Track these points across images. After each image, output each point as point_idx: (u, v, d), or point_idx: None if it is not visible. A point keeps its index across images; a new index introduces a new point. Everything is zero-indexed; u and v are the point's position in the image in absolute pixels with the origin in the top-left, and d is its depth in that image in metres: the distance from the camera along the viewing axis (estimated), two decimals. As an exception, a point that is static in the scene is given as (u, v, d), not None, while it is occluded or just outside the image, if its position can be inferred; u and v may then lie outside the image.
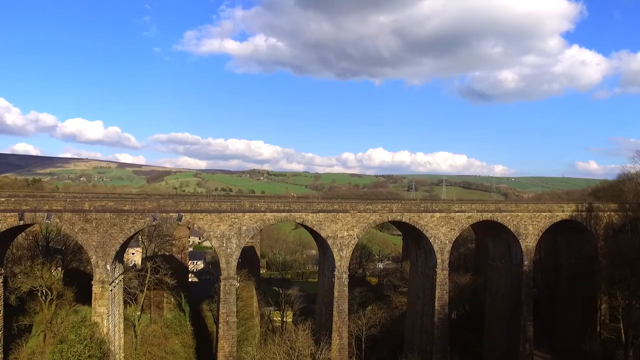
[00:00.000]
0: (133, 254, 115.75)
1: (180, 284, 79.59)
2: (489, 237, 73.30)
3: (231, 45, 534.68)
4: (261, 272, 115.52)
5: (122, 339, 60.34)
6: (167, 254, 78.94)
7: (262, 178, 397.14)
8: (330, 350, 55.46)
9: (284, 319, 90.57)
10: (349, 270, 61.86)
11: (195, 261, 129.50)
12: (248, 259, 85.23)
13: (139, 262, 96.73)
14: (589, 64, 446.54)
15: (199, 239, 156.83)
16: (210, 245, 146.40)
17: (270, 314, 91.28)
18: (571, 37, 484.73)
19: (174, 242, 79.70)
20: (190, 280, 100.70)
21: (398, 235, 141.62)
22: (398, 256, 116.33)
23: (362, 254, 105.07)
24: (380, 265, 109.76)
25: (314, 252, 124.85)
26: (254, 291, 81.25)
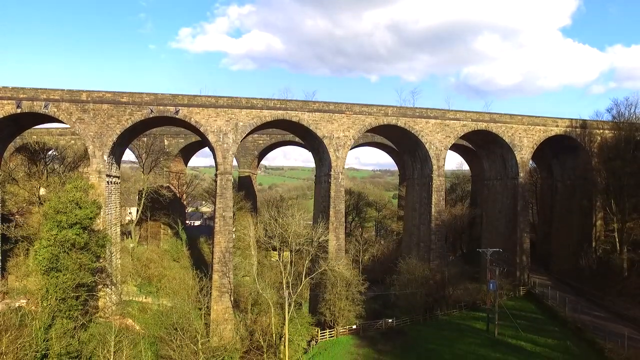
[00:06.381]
0: (130, 212, 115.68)
1: (176, 213, 79.79)
2: (484, 157, 73.66)
3: (226, 42, 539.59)
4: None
5: (119, 243, 60.26)
6: (165, 185, 79.04)
7: (259, 172, 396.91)
8: (327, 232, 55.54)
9: (282, 259, 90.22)
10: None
11: (192, 222, 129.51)
12: (245, 188, 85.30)
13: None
14: (584, 59, 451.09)
15: (196, 209, 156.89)
16: (208, 210, 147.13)
17: (267, 253, 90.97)
18: (567, 32, 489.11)
19: (170, 173, 79.79)
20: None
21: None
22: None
23: (358, 202, 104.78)
24: (377, 216, 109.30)
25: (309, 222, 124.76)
26: (251, 220, 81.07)
